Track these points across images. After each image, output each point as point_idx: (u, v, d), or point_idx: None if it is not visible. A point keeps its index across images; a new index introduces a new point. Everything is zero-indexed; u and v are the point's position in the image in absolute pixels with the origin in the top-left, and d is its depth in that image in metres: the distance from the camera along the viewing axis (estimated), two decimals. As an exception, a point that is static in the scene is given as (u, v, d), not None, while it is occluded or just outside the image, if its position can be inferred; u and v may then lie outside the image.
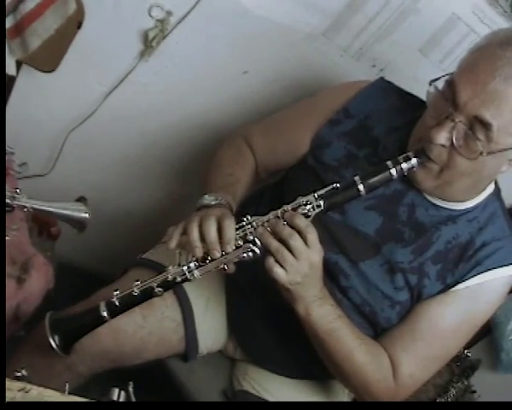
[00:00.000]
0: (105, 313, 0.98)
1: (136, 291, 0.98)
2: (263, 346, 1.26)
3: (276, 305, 1.13)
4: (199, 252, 0.98)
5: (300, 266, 0.97)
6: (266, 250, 0.98)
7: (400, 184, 1.11)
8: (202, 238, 0.98)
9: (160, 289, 0.98)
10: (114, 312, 0.99)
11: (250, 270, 1.03)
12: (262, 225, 0.99)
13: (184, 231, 1.01)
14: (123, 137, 1.52)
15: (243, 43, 1.39)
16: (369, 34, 1.40)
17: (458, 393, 1.71)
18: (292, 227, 0.97)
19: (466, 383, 1.73)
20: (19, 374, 0.73)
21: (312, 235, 0.97)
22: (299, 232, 0.97)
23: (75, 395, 0.72)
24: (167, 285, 0.99)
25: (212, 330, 1.27)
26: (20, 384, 0.71)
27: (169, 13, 1.27)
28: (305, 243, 0.97)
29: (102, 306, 0.99)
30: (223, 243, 0.98)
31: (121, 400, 0.75)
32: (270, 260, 0.98)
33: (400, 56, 1.46)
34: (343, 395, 1.33)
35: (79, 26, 1.21)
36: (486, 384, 1.74)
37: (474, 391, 1.74)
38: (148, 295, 0.99)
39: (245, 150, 1.28)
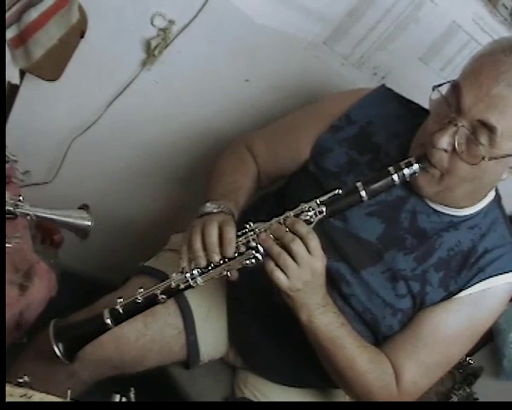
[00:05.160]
0: (109, 321, 0.98)
1: (140, 298, 0.98)
2: (262, 355, 1.25)
3: (276, 315, 1.14)
4: (203, 261, 0.98)
5: (302, 272, 0.96)
6: (268, 256, 0.98)
7: (402, 190, 1.11)
8: (204, 244, 0.99)
9: (163, 297, 0.98)
10: (118, 319, 0.99)
11: (251, 279, 1.03)
12: (264, 232, 0.99)
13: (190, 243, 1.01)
14: (125, 144, 1.52)
15: (245, 52, 1.39)
16: (369, 42, 1.41)
17: (461, 400, 1.71)
18: (294, 234, 0.97)
19: (468, 390, 1.73)
20: (21, 380, 0.73)
21: (314, 241, 0.97)
22: (301, 239, 0.96)
23: (77, 401, 0.72)
24: (171, 292, 0.99)
25: (213, 338, 1.27)
26: (22, 390, 0.71)
27: (171, 22, 1.28)
28: (307, 250, 0.96)
29: (106, 313, 0.99)
30: (223, 245, 0.98)
31: (123, 406, 0.75)
32: (271, 264, 0.97)
33: (401, 64, 1.46)
34: (344, 403, 1.33)
35: (82, 35, 1.22)
36: (489, 392, 1.74)
37: (477, 399, 1.74)
38: (151, 302, 0.99)
39: (247, 157, 1.27)
